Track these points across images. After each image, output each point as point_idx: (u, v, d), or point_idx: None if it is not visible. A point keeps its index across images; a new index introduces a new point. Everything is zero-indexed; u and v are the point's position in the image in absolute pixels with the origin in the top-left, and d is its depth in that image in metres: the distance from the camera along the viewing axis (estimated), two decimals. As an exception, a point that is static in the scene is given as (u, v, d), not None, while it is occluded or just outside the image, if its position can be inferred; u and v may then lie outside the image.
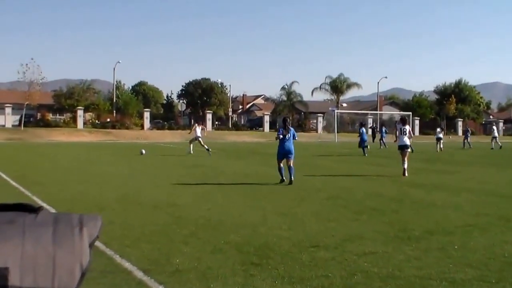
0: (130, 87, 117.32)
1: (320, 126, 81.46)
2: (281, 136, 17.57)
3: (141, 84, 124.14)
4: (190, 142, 34.30)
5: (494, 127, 53.43)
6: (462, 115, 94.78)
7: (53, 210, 11.09)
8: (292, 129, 17.92)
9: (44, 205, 12.15)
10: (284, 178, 17.35)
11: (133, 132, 68.51)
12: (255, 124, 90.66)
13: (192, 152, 33.22)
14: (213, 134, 68.59)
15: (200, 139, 33.90)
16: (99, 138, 58.49)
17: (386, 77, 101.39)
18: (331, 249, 8.25)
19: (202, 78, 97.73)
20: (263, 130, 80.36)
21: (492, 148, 47.84)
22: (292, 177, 17.05)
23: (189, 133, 35.37)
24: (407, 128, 21.32)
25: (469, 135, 51.75)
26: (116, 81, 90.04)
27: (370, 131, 55.23)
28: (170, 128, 75.90)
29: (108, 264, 7.36)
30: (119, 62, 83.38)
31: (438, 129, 45.89)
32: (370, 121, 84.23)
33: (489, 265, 7.46)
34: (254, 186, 16.58)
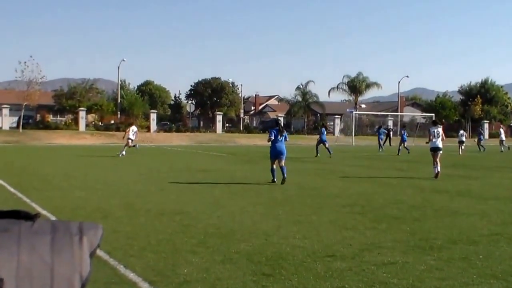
0: (136, 87, 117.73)
1: (337, 128, 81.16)
2: (273, 138, 19.30)
3: (147, 83, 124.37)
4: (127, 146, 35.73)
5: (501, 129, 53.69)
6: (488, 116, 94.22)
7: (53, 218, 11.15)
8: (285, 131, 19.76)
9: (44, 212, 12.23)
10: (275, 179, 19.11)
11: (139, 134, 68.57)
12: (268, 126, 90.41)
13: (124, 153, 34.95)
14: (223, 137, 68.67)
15: (130, 141, 35.63)
16: (102, 141, 58.56)
17: (407, 77, 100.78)
18: (348, 259, 8.25)
19: (212, 77, 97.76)
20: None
21: (501, 151, 47.99)
22: (285, 175, 18.79)
23: (123, 137, 36.63)
24: (440, 130, 23.01)
25: (482, 138, 51.86)
26: (121, 81, 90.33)
27: (390, 133, 55.07)
28: (178, 131, 75.92)
29: (112, 275, 7.39)
30: (124, 60, 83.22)
31: (461, 132, 46.22)
32: (390, 123, 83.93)
33: (516, 276, 7.44)
34: (267, 193, 16.59)
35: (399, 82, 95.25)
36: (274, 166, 19.29)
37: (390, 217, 12.19)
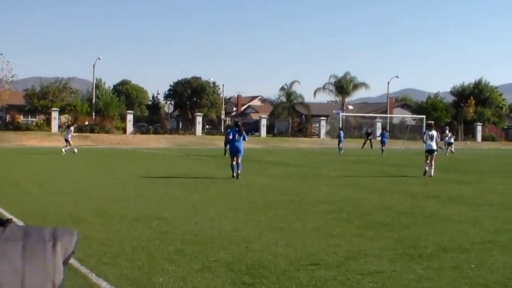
0: (112, 87, 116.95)
1: (323, 130, 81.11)
2: (231, 137, 22.75)
3: (124, 83, 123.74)
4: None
5: (448, 132, 52.71)
6: (482, 119, 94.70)
7: (21, 224, 11.10)
8: (243, 132, 22.72)
9: (12, 218, 12.14)
10: (235, 174, 22.18)
11: (114, 136, 68.26)
12: (251, 128, 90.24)
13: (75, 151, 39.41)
14: (203, 139, 68.52)
15: (68, 141, 39.80)
16: (75, 143, 57.77)
17: (397, 77, 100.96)
18: (332, 268, 8.28)
19: (192, 77, 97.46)
20: (260, 135, 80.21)
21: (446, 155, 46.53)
22: (239, 171, 22.13)
23: (61, 133, 42.72)
24: (434, 133, 25.36)
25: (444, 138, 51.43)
26: (96, 80, 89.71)
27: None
28: (155, 132, 75.58)
29: (83, 284, 7.36)
30: (99, 58, 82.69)
31: (447, 132, 46.81)
32: (379, 125, 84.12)
33: (509, 286, 7.49)
34: (248, 198, 16.59)
35: (388, 83, 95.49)
36: (234, 163, 22.38)
37: (378, 223, 12.23)
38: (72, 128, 42.92)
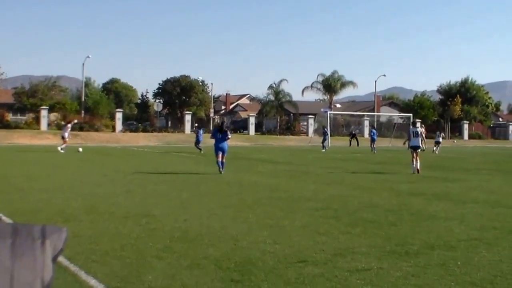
0: (101, 85, 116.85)
1: (311, 128, 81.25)
2: (214, 137, 23.86)
3: (113, 81, 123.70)
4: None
5: (438, 132, 53.32)
6: (468, 117, 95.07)
7: (10, 221, 11.05)
8: (227, 130, 24.17)
9: (1, 215, 12.11)
10: (221, 170, 23.19)
11: (103, 134, 68.15)
12: (239, 126, 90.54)
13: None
14: (192, 137, 68.31)
15: (65, 139, 40.17)
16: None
17: (384, 75, 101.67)
18: (320, 265, 8.29)
19: (181, 76, 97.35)
20: (248, 133, 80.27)
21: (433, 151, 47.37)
22: (223, 170, 23.22)
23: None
24: (419, 130, 26.65)
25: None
26: (86, 78, 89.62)
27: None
28: (144, 131, 75.58)
29: (72, 282, 7.34)
30: (88, 57, 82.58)
31: (438, 132, 48.43)
32: (366, 123, 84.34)
33: (495, 283, 7.50)
34: (237, 195, 16.58)
35: (375, 81, 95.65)
36: (219, 159, 23.45)
37: (365, 221, 12.25)
38: (69, 125, 42.85)
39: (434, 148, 48.00)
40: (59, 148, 38.90)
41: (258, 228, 11.12)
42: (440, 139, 49.74)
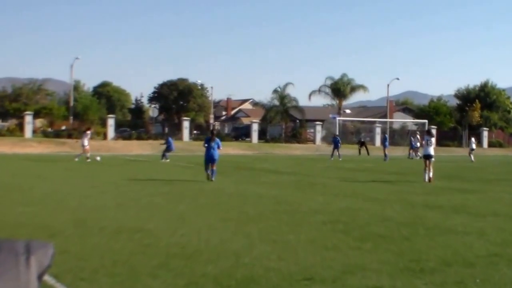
0: (91, 89, 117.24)
1: (318, 136, 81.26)
2: (207, 145, 25.31)
3: (104, 85, 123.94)
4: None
5: (473, 138, 55.71)
6: (488, 123, 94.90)
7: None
8: (218, 139, 25.90)
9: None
10: (209, 177, 24.79)
11: (94, 142, 67.63)
12: (241, 133, 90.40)
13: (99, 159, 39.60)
14: (191, 145, 68.43)
15: (85, 147, 40.60)
16: (51, 150, 57.97)
17: (397, 79, 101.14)
18: (328, 283, 8.27)
19: (178, 79, 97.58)
20: (251, 141, 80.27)
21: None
22: (213, 178, 24.78)
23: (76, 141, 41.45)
24: (433, 139, 28.67)
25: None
26: (74, 81, 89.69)
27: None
28: (138, 138, 75.43)
29: (60, 301, 7.33)
30: (77, 58, 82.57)
31: (473, 139, 50.85)
32: (378, 130, 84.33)
33: (517, 302, 7.50)
34: (238, 208, 16.58)
35: (388, 85, 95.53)
36: (208, 171, 25.10)
37: (376, 235, 12.24)
38: (88, 132, 43.31)
39: (472, 158, 50.24)
40: (87, 159, 39.54)
41: (261, 243, 11.11)
42: (474, 146, 52.67)
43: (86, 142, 40.94)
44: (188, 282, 8.25)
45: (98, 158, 39.57)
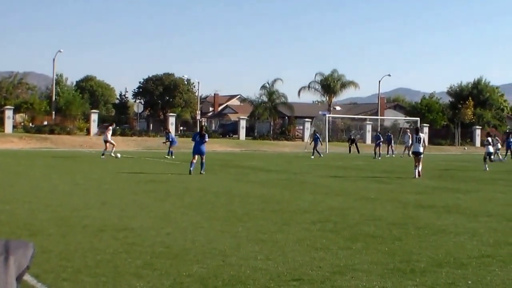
0: (74, 83, 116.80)
1: (307, 133, 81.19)
2: (196, 140, 28.21)
3: (88, 79, 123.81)
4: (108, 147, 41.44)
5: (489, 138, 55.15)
6: (481, 121, 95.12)
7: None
8: (205, 134, 29.19)
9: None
10: (191, 172, 27.30)
11: (76, 138, 67.90)
12: (229, 130, 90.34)
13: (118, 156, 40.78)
14: (179, 142, 68.30)
15: (109, 141, 41.30)
16: (32, 145, 57.78)
17: (389, 75, 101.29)
18: (317, 284, 8.29)
19: (164, 74, 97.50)
20: (239, 138, 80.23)
21: (501, 160, 49.19)
22: (203, 170, 27.60)
23: (100, 135, 41.82)
24: (421, 136, 29.97)
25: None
26: (57, 75, 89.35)
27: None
28: (123, 134, 75.12)
29: (41, 301, 7.32)
30: (60, 51, 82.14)
31: (489, 139, 50.24)
32: (369, 127, 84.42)
33: (509, 304, 7.54)
34: (225, 206, 16.59)
35: (379, 82, 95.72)
36: (194, 161, 27.86)
37: (367, 235, 12.27)
38: (111, 127, 44.12)
39: (500, 157, 51.93)
40: (112, 155, 40.62)
41: (248, 243, 11.12)
42: (499, 145, 54.27)
43: (109, 137, 41.80)
44: (173, 282, 8.24)
45: (119, 155, 40.46)
